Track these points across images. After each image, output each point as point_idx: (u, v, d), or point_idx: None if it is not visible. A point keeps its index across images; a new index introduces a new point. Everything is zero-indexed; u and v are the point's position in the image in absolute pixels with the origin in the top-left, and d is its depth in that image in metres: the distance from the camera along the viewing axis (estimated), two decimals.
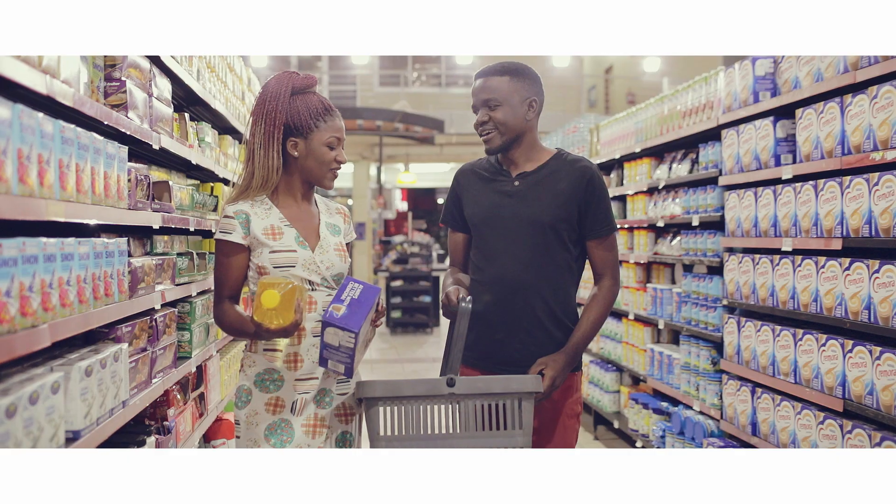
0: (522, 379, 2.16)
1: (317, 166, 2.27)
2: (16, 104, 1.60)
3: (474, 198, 2.59)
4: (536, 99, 2.52)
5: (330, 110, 2.27)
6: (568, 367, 2.41)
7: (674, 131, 4.71)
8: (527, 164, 2.54)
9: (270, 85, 2.25)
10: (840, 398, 3.03)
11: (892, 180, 2.74)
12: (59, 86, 1.84)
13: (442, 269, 13.76)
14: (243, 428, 2.23)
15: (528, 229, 2.48)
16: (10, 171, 1.58)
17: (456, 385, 2.12)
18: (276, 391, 2.22)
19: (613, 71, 21.32)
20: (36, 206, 1.69)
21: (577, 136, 6.76)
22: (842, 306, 3.04)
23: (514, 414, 2.13)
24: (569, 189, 2.48)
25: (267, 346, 2.23)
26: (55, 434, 1.79)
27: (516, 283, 2.47)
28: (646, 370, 5.17)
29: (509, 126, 2.48)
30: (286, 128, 2.23)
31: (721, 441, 3.99)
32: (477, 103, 2.52)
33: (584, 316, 2.50)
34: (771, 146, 3.57)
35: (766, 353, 3.58)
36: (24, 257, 1.64)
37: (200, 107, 3.82)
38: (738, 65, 3.87)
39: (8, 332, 1.57)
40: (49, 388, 1.75)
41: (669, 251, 4.89)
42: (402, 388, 2.13)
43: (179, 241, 3.35)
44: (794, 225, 3.38)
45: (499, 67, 2.52)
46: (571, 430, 2.48)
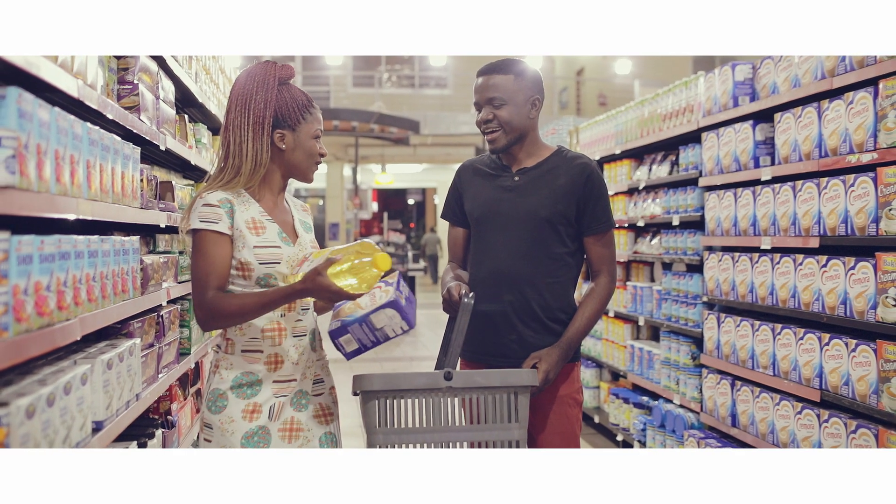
0: (518, 373, 2.19)
1: (305, 159, 2.20)
2: (53, 107, 1.68)
3: (474, 193, 2.64)
4: (539, 97, 2.56)
5: (312, 102, 2.22)
6: (562, 361, 2.47)
7: (654, 134, 4.85)
8: (528, 160, 2.59)
9: (254, 74, 2.15)
10: (817, 389, 3.18)
11: (866, 182, 2.89)
12: (87, 90, 1.91)
13: (417, 270, 13.84)
14: (216, 433, 2.10)
15: (525, 223, 2.53)
16: (49, 171, 1.66)
17: (453, 379, 2.13)
18: (254, 396, 2.11)
19: (585, 73, 21.54)
20: (69, 204, 1.76)
21: (556, 137, 6.89)
22: (819, 301, 3.19)
23: (511, 407, 2.17)
24: (567, 185, 2.53)
25: (246, 347, 2.12)
26: (84, 424, 1.86)
27: (513, 276, 2.53)
28: (626, 366, 5.31)
29: (514, 125, 2.52)
30: (273, 119, 2.13)
31: (701, 433, 4.13)
32: (480, 100, 2.54)
33: (580, 311, 2.55)
34: (750, 149, 3.72)
35: (745, 347, 3.72)
36: (59, 254, 1.72)
37: (195, 108, 3.88)
38: (718, 70, 4.02)
39: (48, 324, 1.64)
40: (79, 379, 1.83)
41: (649, 250, 5.03)
42: (400, 381, 2.13)
43: (178, 240, 3.42)
44: (772, 224, 3.53)
45: (503, 65, 2.53)
46: (574, 419, 2.55)
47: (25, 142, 1.51)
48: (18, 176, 1.48)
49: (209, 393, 2.14)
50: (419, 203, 30.28)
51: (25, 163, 1.52)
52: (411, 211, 30.83)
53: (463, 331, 2.25)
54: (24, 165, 1.51)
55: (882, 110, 2.81)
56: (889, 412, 2.74)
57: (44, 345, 1.60)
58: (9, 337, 1.45)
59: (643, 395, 5.15)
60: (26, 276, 1.53)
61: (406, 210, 30.78)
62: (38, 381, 1.70)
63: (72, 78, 1.81)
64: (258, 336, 2.12)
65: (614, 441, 5.48)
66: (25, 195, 1.51)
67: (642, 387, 5.13)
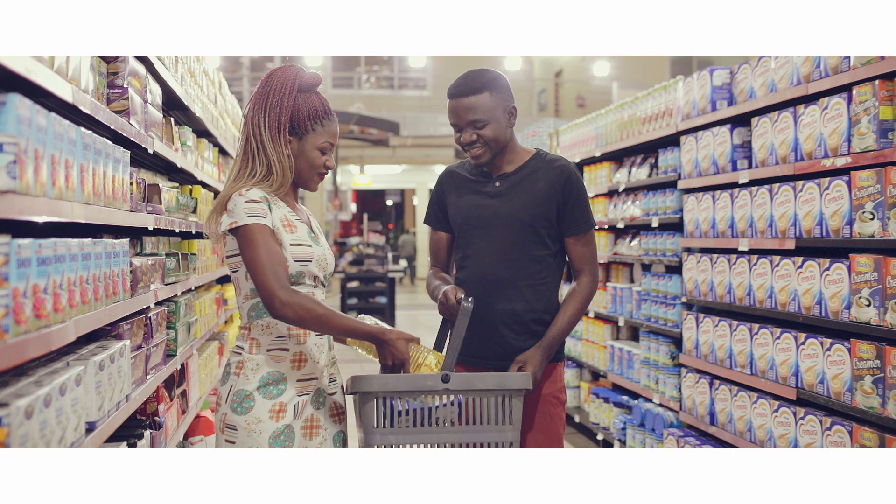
0: (513, 376, 2.23)
1: (306, 168, 2.23)
2: (50, 112, 1.70)
3: (457, 199, 2.69)
4: (513, 104, 2.60)
5: (329, 114, 2.24)
6: (545, 361, 2.52)
7: (633, 136, 4.92)
8: (507, 166, 2.63)
9: (277, 77, 2.19)
10: (793, 387, 3.25)
11: (841, 185, 2.97)
12: (81, 95, 1.94)
13: (397, 271, 13.87)
14: (241, 435, 2.11)
15: (507, 228, 2.58)
16: (46, 175, 1.68)
17: (451, 381, 2.17)
18: (280, 396, 2.14)
19: (563, 75, 21.67)
20: (64, 208, 1.79)
21: (536, 139, 6.96)
22: (795, 302, 3.26)
23: (506, 409, 2.21)
24: (547, 187, 2.58)
25: (272, 346, 2.16)
26: (78, 424, 1.89)
27: (496, 280, 2.58)
28: (606, 366, 5.38)
29: (498, 140, 2.55)
30: (289, 125, 2.17)
31: (680, 431, 4.20)
32: (460, 123, 2.54)
33: (562, 311, 2.59)
34: (728, 152, 3.80)
35: (723, 346, 3.80)
36: (55, 257, 1.74)
37: (179, 111, 3.90)
38: (697, 74, 4.09)
39: (45, 326, 1.67)
40: (73, 380, 1.85)
41: (629, 251, 5.10)
42: (398, 383, 2.16)
43: (163, 243, 3.44)
44: (750, 226, 3.61)
45: (475, 84, 2.52)
46: (557, 418, 2.61)
47: (24, 147, 1.54)
48: (19, 181, 1.50)
49: (233, 394, 2.13)
50: (398, 204, 30.30)
51: (24, 167, 1.54)
52: (390, 212, 30.85)
53: (461, 334, 2.28)
54: (23, 170, 1.53)
55: (855, 116, 2.89)
56: (863, 409, 2.82)
57: (41, 347, 1.63)
58: (9, 339, 1.48)
59: (623, 394, 5.22)
60: (25, 279, 1.56)
61: (385, 211, 30.79)
62: (35, 383, 1.72)
63: (67, 83, 1.84)
64: (284, 335, 2.16)
65: (594, 440, 5.55)
66: (25, 199, 1.54)
67: (622, 386, 5.20)
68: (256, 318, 2.18)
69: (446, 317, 2.45)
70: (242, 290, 2.20)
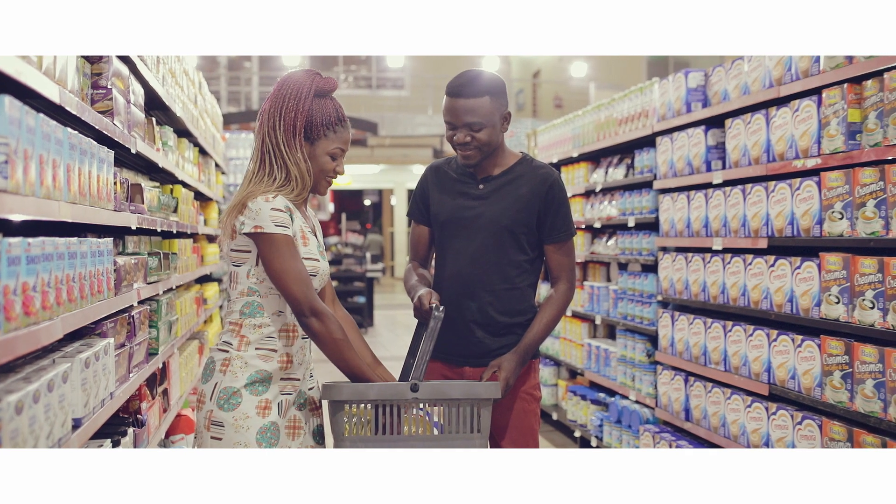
0: (482, 386, 2.28)
1: (316, 173, 2.25)
2: (38, 114, 1.73)
3: (440, 197, 2.71)
4: (508, 110, 2.63)
5: (342, 120, 2.26)
6: (520, 367, 2.56)
7: (610, 137, 5.00)
8: (493, 169, 2.66)
9: (293, 81, 2.21)
10: (766, 383, 3.33)
11: (811, 186, 3.05)
12: (68, 96, 1.97)
13: (375, 271, 13.89)
14: (229, 431, 2.13)
15: (486, 231, 2.62)
16: (34, 175, 1.71)
17: (419, 390, 2.21)
18: (265, 393, 2.17)
19: (541, 75, 21.79)
20: (51, 208, 1.82)
21: (515, 140, 7.03)
22: (767, 299, 3.34)
23: (473, 418, 2.26)
24: (529, 194, 2.61)
25: (261, 345, 2.18)
26: (65, 421, 1.92)
27: (471, 281, 2.62)
28: (583, 364, 5.45)
29: (491, 144, 2.57)
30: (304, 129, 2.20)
31: (656, 427, 4.28)
32: (455, 122, 2.55)
33: (538, 317, 2.64)
34: (702, 153, 3.87)
35: (698, 344, 3.87)
36: (43, 255, 1.77)
37: (160, 111, 3.92)
38: (672, 76, 4.17)
39: (34, 324, 1.70)
40: (60, 377, 1.88)
41: (605, 251, 5.17)
42: (368, 392, 2.20)
43: (145, 242, 3.45)
44: (724, 225, 3.69)
45: (478, 86, 2.53)
46: (532, 415, 2.66)
47: (15, 147, 1.57)
48: (9, 180, 1.53)
49: (219, 391, 2.15)
50: (376, 204, 30.29)
51: (14, 167, 1.57)
52: (368, 212, 30.84)
53: (431, 344, 2.32)
54: (13, 170, 1.56)
55: (825, 118, 2.97)
56: (832, 404, 2.90)
57: (31, 343, 1.66)
58: (0, 336, 1.51)
59: (600, 391, 5.29)
60: (15, 277, 1.59)
61: (363, 211, 30.77)
62: (23, 379, 1.75)
63: (54, 85, 1.87)
64: (274, 336, 2.19)
65: (572, 437, 5.61)
66: (15, 198, 1.56)
67: (599, 384, 5.27)
68: (249, 317, 2.19)
69: (420, 320, 2.48)
70: (239, 286, 2.21)
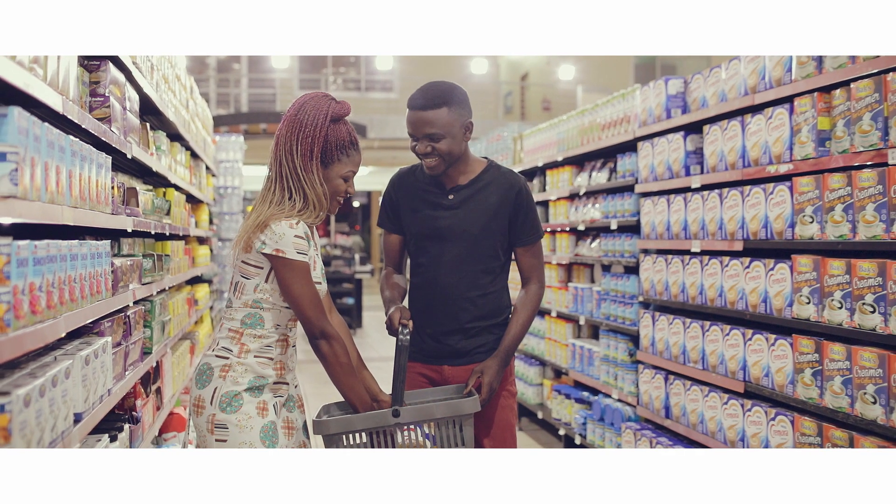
0: (461, 403, 2.39)
1: (329, 195, 2.35)
2: (44, 122, 1.83)
3: (410, 206, 2.77)
4: (471, 120, 2.70)
5: (355, 144, 2.35)
6: (502, 370, 2.68)
7: (594, 142, 5.11)
8: (460, 177, 2.73)
9: (310, 106, 2.30)
10: (741, 381, 3.45)
11: (783, 190, 3.17)
12: (70, 105, 2.06)
13: (364, 272, 13.98)
14: (233, 431, 2.24)
15: (460, 240, 2.70)
16: (40, 181, 1.81)
17: (401, 415, 2.34)
18: (261, 395, 2.28)
19: (529, 78, 21.91)
20: (56, 212, 1.91)
21: (501, 143, 7.13)
22: (743, 300, 3.46)
23: (457, 434, 2.38)
24: (499, 202, 2.70)
25: (259, 353, 2.30)
26: (67, 415, 2.01)
27: (447, 288, 2.72)
28: (568, 363, 5.56)
29: (452, 154, 2.63)
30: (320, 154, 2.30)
31: (637, 425, 4.39)
32: (416, 134, 2.61)
33: (514, 319, 2.75)
34: (682, 158, 3.99)
35: (677, 343, 3.99)
36: (48, 257, 1.86)
37: (153, 116, 4.00)
38: (653, 83, 4.29)
39: (39, 322, 1.79)
40: (64, 373, 1.98)
41: (589, 253, 5.29)
42: (354, 422, 2.34)
43: (139, 244, 3.54)
44: (702, 228, 3.80)
45: (435, 98, 2.59)
46: (510, 409, 2.77)
47: (23, 155, 1.66)
48: (19, 186, 1.63)
49: (221, 396, 2.26)
50: (364, 206, 30.36)
51: (23, 174, 1.67)
52: (357, 214, 30.91)
53: (403, 370, 2.42)
54: (22, 176, 1.66)
55: (797, 126, 3.09)
56: (803, 400, 3.02)
57: (37, 340, 1.75)
58: (10, 333, 1.60)
59: (584, 390, 5.40)
60: (23, 278, 1.68)
61: (352, 213, 30.84)
62: (29, 374, 1.84)
63: (57, 95, 1.96)
64: (272, 345, 2.32)
65: (556, 435, 5.72)
66: (24, 203, 1.66)
67: (583, 383, 5.38)
68: (250, 327, 2.31)
69: (393, 336, 2.58)
70: (244, 297, 2.31)
